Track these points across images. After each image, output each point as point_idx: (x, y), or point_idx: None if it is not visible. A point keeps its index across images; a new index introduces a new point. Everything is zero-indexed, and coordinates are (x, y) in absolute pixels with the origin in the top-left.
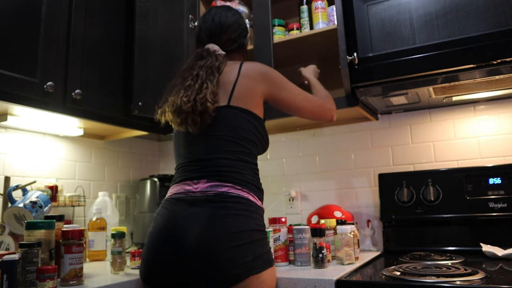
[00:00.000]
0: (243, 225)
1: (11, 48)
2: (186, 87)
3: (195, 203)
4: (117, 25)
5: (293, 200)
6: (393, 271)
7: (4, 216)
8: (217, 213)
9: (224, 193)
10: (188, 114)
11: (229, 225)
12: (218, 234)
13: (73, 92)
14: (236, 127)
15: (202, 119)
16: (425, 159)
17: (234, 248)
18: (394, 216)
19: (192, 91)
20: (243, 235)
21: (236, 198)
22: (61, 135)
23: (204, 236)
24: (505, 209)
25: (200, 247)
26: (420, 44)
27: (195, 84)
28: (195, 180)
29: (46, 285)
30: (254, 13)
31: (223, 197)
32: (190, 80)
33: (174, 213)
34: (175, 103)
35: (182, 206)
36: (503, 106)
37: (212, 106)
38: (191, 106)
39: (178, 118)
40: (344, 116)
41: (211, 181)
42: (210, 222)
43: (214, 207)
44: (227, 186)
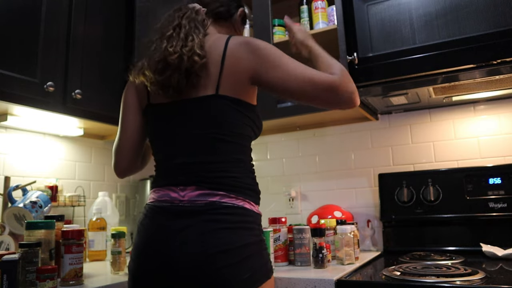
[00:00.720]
0: (238, 240)
1: (11, 48)
2: (168, 38)
3: (182, 215)
4: (117, 25)
5: (293, 200)
6: (393, 271)
7: (4, 216)
8: (208, 228)
9: (215, 203)
10: (173, 71)
11: (222, 242)
12: (210, 253)
13: (73, 92)
14: (228, 123)
15: (188, 80)
16: (425, 159)
17: (228, 267)
18: (394, 216)
19: (177, 41)
20: (238, 252)
21: (230, 209)
22: (61, 135)
23: (194, 255)
24: (505, 209)
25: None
26: (420, 44)
27: (179, 34)
28: (181, 186)
29: (46, 285)
30: (254, 13)
31: (215, 208)
32: (171, 30)
33: (159, 226)
34: (156, 56)
35: (167, 217)
36: (503, 106)
37: (200, 61)
38: (178, 58)
39: (160, 77)
40: (344, 116)
41: (200, 189)
42: (201, 239)
43: (205, 221)
44: (219, 194)
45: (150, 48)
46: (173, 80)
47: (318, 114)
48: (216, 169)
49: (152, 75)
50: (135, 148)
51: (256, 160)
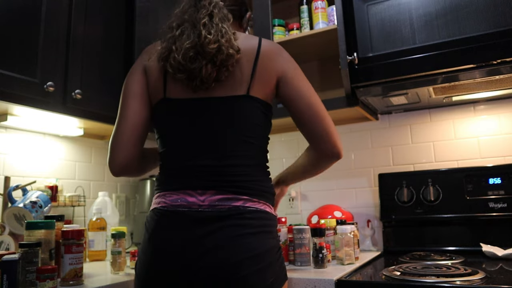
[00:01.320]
0: (262, 245)
1: (11, 48)
2: (203, 25)
3: (203, 221)
4: (117, 25)
5: (293, 200)
6: (393, 271)
7: (4, 216)
8: (233, 234)
9: (239, 208)
10: (207, 60)
11: (248, 247)
12: (236, 260)
13: (73, 92)
14: (256, 125)
15: (219, 72)
16: (425, 159)
17: (254, 273)
18: (394, 216)
19: (215, 30)
20: (263, 257)
21: (253, 213)
22: (61, 135)
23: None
24: (505, 209)
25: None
26: (420, 44)
27: (213, 23)
28: (199, 190)
29: (46, 285)
30: (254, 13)
31: (239, 213)
32: (205, 17)
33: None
34: (188, 43)
35: (187, 224)
36: (503, 106)
37: (236, 55)
38: (218, 48)
39: (191, 64)
40: (344, 116)
41: (221, 193)
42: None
43: (229, 226)
44: (243, 199)
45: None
46: (205, 70)
47: None
48: (241, 173)
49: (181, 61)
50: (135, 142)
51: None
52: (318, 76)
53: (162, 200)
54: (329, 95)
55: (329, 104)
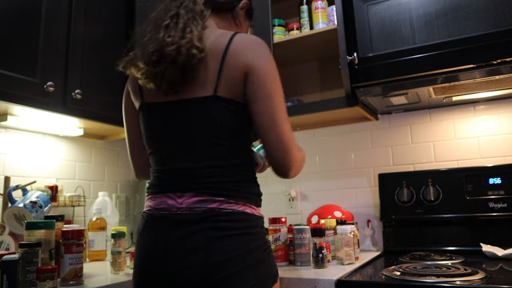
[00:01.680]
0: (241, 247)
1: (11, 48)
2: (165, 27)
3: (181, 223)
4: (117, 25)
5: (293, 200)
6: (393, 271)
7: (4, 216)
8: (211, 236)
9: (215, 210)
10: (169, 63)
11: (226, 249)
12: (212, 262)
13: (73, 92)
14: (224, 126)
15: (183, 75)
16: (425, 159)
17: (233, 275)
18: (394, 216)
19: (175, 32)
20: (243, 259)
21: (230, 215)
22: (61, 135)
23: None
24: (505, 209)
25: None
26: (420, 44)
27: (177, 24)
28: (178, 192)
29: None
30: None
31: (215, 215)
32: (168, 19)
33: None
34: (151, 47)
35: (167, 227)
36: (503, 106)
37: (199, 54)
38: (176, 49)
39: (154, 69)
40: (344, 116)
41: (198, 195)
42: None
43: (206, 228)
44: (218, 200)
45: (143, 38)
46: (168, 73)
47: (318, 114)
48: (214, 174)
49: (145, 66)
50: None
51: None
52: (318, 76)
53: (149, 204)
54: (329, 95)
55: (329, 104)
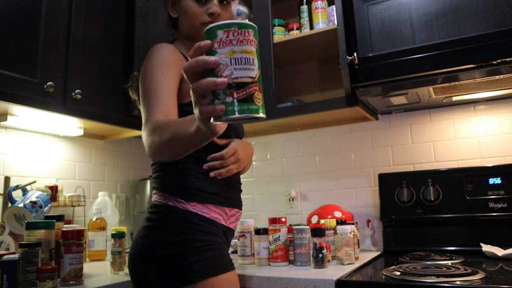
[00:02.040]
0: (157, 240)
1: (11, 48)
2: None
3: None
4: (117, 25)
5: (293, 200)
6: (393, 271)
7: (4, 216)
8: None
9: (151, 202)
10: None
11: (143, 242)
12: (133, 254)
13: (73, 92)
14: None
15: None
16: (425, 159)
17: (151, 267)
18: (394, 216)
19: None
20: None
21: (154, 207)
22: (61, 135)
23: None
24: (505, 209)
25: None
26: (420, 44)
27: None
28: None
29: (46, 285)
30: (254, 13)
31: (149, 207)
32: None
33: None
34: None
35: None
36: (503, 106)
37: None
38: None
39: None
40: (344, 116)
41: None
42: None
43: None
44: (154, 195)
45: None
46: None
47: (318, 114)
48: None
49: None
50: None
51: (256, 160)
52: (318, 76)
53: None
54: (329, 95)
55: (329, 104)
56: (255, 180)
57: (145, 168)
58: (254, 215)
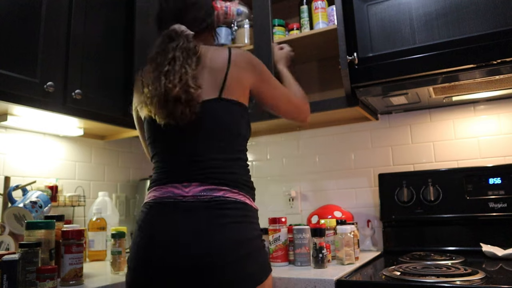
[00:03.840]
0: (244, 234)
1: (11, 48)
2: (166, 73)
3: (188, 210)
4: (117, 25)
5: (293, 200)
6: (393, 271)
7: (4, 216)
8: (216, 223)
9: (220, 198)
10: (174, 103)
11: (230, 236)
12: (219, 248)
13: (73, 92)
14: (230, 123)
15: (190, 109)
16: (425, 159)
17: (236, 261)
18: (394, 216)
19: (174, 76)
20: (244, 245)
21: (234, 204)
22: (61, 135)
23: (205, 251)
24: (505, 209)
25: (202, 264)
26: (420, 44)
27: (174, 68)
28: (185, 182)
29: (46, 285)
30: (254, 13)
31: (220, 203)
32: (167, 65)
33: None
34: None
35: (173, 213)
36: (503, 106)
37: (196, 92)
38: (177, 92)
39: (164, 110)
40: (344, 116)
41: (204, 185)
42: (209, 232)
43: (212, 217)
44: (223, 190)
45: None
46: (178, 111)
47: (318, 114)
48: (219, 166)
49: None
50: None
51: (256, 160)
52: (318, 76)
53: (153, 194)
54: (329, 95)
55: (329, 104)
56: (255, 180)
57: (145, 168)
58: None
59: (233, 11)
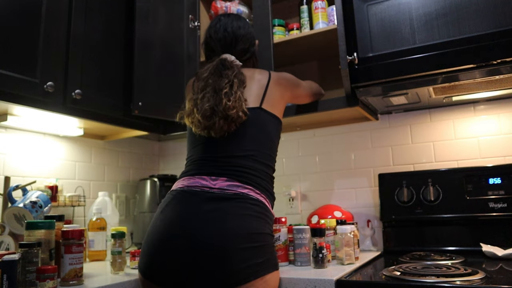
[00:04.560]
0: (260, 228)
1: (11, 48)
2: (225, 93)
3: (212, 199)
4: (117, 25)
5: (293, 200)
6: (393, 271)
7: (4, 216)
8: (236, 212)
9: (244, 195)
10: (219, 117)
11: (247, 226)
12: (235, 234)
13: (73, 92)
14: (268, 131)
15: (229, 126)
16: (425, 159)
17: (248, 249)
18: (394, 216)
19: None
20: (259, 237)
21: (255, 201)
22: (61, 135)
23: (221, 234)
24: (505, 209)
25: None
26: (420, 44)
27: (232, 91)
28: (213, 176)
29: (46, 285)
30: (254, 13)
31: (243, 198)
32: (227, 87)
33: (186, 206)
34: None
35: (197, 201)
36: (503, 106)
37: (244, 117)
38: (236, 112)
39: (207, 122)
40: (344, 116)
41: (231, 180)
42: (229, 221)
43: (233, 207)
44: (247, 188)
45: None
46: (217, 125)
47: (318, 114)
48: (249, 167)
49: (200, 120)
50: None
51: None
52: (318, 76)
53: (181, 183)
54: (329, 95)
55: (329, 104)
56: None
57: (145, 168)
58: None
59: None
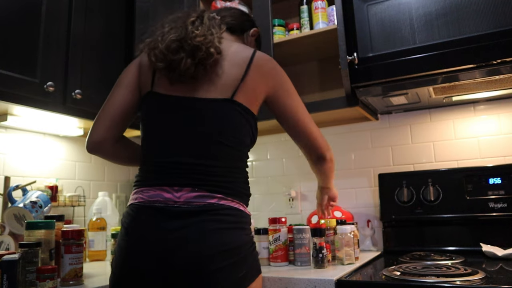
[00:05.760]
0: (237, 240)
1: (11, 48)
2: (192, 22)
3: (179, 216)
4: (117, 25)
5: (293, 200)
6: (393, 271)
7: (4, 216)
8: (208, 228)
9: (214, 205)
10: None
11: (222, 241)
12: (210, 254)
13: (73, 92)
14: (236, 129)
15: (196, 68)
16: (425, 159)
17: (227, 266)
18: (394, 216)
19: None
20: (236, 251)
21: (227, 210)
22: (61, 135)
23: (195, 256)
24: (505, 209)
25: (188, 266)
26: (420, 44)
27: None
28: (176, 187)
29: (46, 285)
30: (254, 13)
31: (213, 209)
32: (194, 18)
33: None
34: (173, 36)
35: (161, 218)
36: (503, 106)
37: (215, 55)
38: (200, 42)
39: (172, 55)
40: (344, 116)
41: (197, 191)
42: (201, 239)
43: (203, 221)
44: (217, 197)
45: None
46: (183, 63)
47: (318, 114)
48: (216, 173)
49: (164, 51)
50: (115, 124)
51: (256, 160)
52: (318, 76)
53: (139, 196)
54: (329, 95)
55: (329, 104)
56: (255, 180)
57: None
58: (254, 215)
59: None
